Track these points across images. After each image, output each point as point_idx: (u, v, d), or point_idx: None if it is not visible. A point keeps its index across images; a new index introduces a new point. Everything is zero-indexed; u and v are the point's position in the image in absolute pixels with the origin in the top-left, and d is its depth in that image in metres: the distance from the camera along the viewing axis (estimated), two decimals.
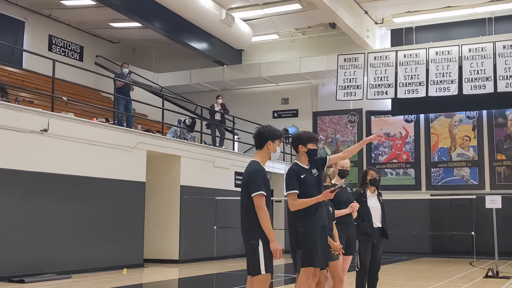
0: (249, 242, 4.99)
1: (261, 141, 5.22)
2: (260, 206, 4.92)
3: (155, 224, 15.25)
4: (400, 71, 19.37)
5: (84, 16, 20.28)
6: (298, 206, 5.40)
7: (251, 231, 4.98)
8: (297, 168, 5.54)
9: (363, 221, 7.02)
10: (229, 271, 13.60)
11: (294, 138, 5.74)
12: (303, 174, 5.49)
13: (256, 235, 4.94)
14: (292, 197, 5.41)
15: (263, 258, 4.92)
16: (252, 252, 4.97)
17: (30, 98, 15.38)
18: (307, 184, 5.47)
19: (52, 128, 11.46)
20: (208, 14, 18.49)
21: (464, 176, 19.64)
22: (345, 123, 21.57)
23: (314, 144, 5.63)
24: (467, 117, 19.92)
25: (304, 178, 5.47)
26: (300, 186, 5.43)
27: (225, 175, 17.21)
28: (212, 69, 22.51)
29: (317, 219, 5.44)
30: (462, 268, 14.21)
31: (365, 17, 19.53)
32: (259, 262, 4.92)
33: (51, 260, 11.40)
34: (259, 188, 4.93)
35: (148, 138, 14.45)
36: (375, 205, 7.17)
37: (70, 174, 11.96)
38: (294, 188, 5.41)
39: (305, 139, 5.62)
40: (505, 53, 18.14)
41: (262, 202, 4.93)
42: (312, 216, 5.42)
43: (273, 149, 5.19)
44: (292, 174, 5.47)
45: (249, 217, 5.00)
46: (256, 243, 4.94)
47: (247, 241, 5.01)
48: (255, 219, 4.94)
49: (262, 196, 4.93)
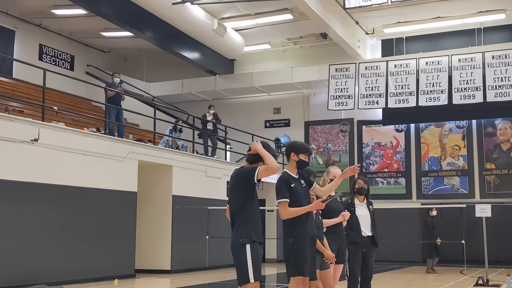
0: (238, 240, 5.00)
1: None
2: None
3: (147, 234, 15.20)
4: (390, 81, 19.49)
5: (75, 25, 20.27)
6: (289, 214, 5.44)
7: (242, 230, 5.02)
8: (287, 177, 5.58)
9: (352, 230, 7.05)
10: (221, 281, 13.58)
11: (289, 145, 5.81)
12: (293, 183, 5.55)
13: (246, 234, 4.99)
14: (284, 206, 5.46)
15: (251, 264, 4.94)
16: (239, 256, 4.97)
17: (21, 107, 15.33)
18: (297, 193, 5.52)
19: (43, 138, 11.42)
20: (200, 23, 18.56)
21: (454, 185, 19.74)
22: (336, 132, 21.65)
23: (307, 156, 5.68)
24: (457, 126, 20.05)
25: (294, 187, 5.52)
26: (291, 195, 5.48)
27: (217, 185, 17.20)
28: (204, 78, 22.56)
29: (307, 228, 5.48)
30: (453, 277, 14.26)
31: (356, 27, 19.66)
32: (247, 268, 4.93)
33: (42, 270, 11.33)
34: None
35: (139, 148, 14.43)
36: (364, 214, 7.20)
37: (61, 184, 11.91)
38: (285, 196, 5.46)
39: (298, 148, 5.67)
40: (494, 63, 18.32)
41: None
42: (302, 225, 5.46)
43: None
44: (283, 183, 5.52)
45: (242, 218, 5.05)
46: (246, 240, 4.96)
47: (236, 241, 5.02)
48: (248, 220, 5.01)
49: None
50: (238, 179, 5.16)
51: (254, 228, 5.08)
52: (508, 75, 18.06)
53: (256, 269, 4.94)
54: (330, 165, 8.49)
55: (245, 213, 5.07)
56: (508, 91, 17.99)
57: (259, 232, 5.13)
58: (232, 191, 5.23)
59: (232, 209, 5.17)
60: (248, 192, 5.12)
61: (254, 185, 5.11)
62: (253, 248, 4.98)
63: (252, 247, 4.98)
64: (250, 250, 4.97)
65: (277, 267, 16.83)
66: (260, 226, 5.16)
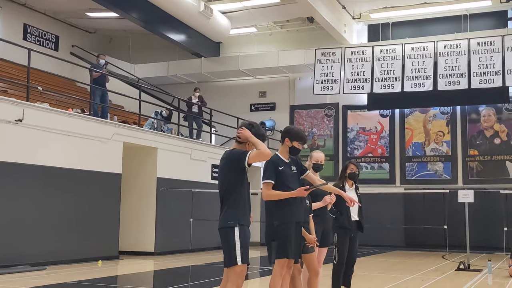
0: (226, 222, 5.00)
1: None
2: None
3: (131, 216, 15.18)
4: (376, 66, 19.54)
5: (60, 5, 20.02)
6: (272, 196, 5.45)
7: (230, 212, 5.01)
8: (277, 160, 5.59)
9: (341, 214, 7.09)
10: (205, 263, 13.63)
11: (285, 130, 5.80)
12: (281, 166, 5.55)
13: (235, 217, 4.98)
14: (267, 187, 5.47)
15: (239, 246, 4.94)
16: (227, 238, 4.97)
17: (4, 87, 15.15)
18: (285, 176, 5.53)
19: (27, 118, 11.33)
20: (187, 5, 18.41)
21: (437, 170, 19.92)
22: (321, 117, 21.69)
23: (300, 144, 5.69)
24: (441, 112, 20.19)
25: (282, 170, 5.53)
26: (277, 178, 5.49)
27: (202, 168, 17.20)
28: (189, 61, 22.44)
29: (292, 212, 5.50)
30: (435, 261, 14.44)
31: (342, 12, 19.64)
32: (235, 250, 4.94)
33: (25, 251, 11.30)
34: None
35: (124, 130, 14.36)
36: (353, 199, 7.23)
37: (45, 165, 11.84)
38: (270, 178, 5.47)
39: (293, 134, 5.68)
40: (479, 50, 18.42)
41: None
42: (288, 209, 5.48)
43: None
44: (271, 164, 5.51)
45: (230, 200, 5.03)
46: (234, 223, 4.96)
47: (224, 223, 5.01)
48: (237, 203, 5.01)
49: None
50: (229, 161, 5.13)
51: (243, 211, 5.07)
52: (493, 62, 18.19)
53: (244, 251, 4.95)
54: (314, 150, 8.52)
55: (234, 196, 5.05)
56: (492, 77, 18.13)
57: (248, 216, 5.12)
58: (221, 173, 5.19)
59: (222, 191, 5.14)
60: (238, 174, 5.09)
61: (245, 168, 5.08)
62: (241, 230, 4.98)
63: (241, 230, 4.98)
64: (238, 232, 4.97)
65: (261, 250, 16.92)
66: (248, 210, 5.14)
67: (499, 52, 18.19)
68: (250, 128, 5.19)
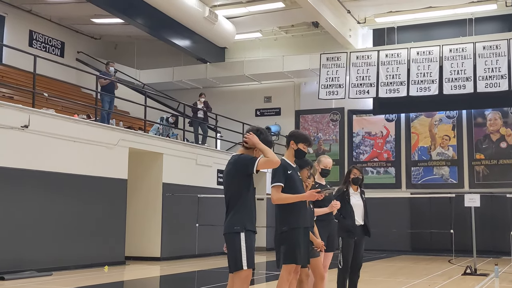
0: (232, 227, 4.97)
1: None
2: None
3: (137, 221, 15.20)
4: (381, 71, 19.54)
5: (66, 11, 20.11)
6: (282, 200, 5.43)
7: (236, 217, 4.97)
8: (285, 164, 5.58)
9: (345, 218, 7.08)
10: (210, 268, 13.61)
11: (290, 133, 5.82)
12: (290, 170, 5.55)
13: (241, 222, 4.95)
14: (277, 190, 5.43)
15: (245, 251, 4.91)
16: (232, 243, 4.94)
17: (11, 94, 15.23)
18: (293, 180, 5.52)
19: (33, 124, 11.36)
20: (191, 11, 18.47)
21: (443, 175, 19.86)
22: (327, 121, 21.68)
23: (306, 146, 5.69)
24: (447, 116, 20.14)
25: (290, 174, 5.52)
26: (286, 181, 5.47)
27: (208, 173, 17.21)
28: (195, 66, 22.49)
29: (301, 217, 5.49)
30: (441, 266, 14.38)
31: (347, 16, 19.65)
32: (241, 255, 4.90)
33: (32, 257, 11.31)
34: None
35: (130, 135, 14.39)
36: (358, 203, 7.24)
37: (51, 171, 11.87)
38: (280, 181, 5.44)
39: (298, 137, 5.69)
40: (485, 54, 18.39)
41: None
42: (297, 214, 5.47)
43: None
44: (280, 168, 5.45)
45: (237, 205, 5.00)
46: (240, 228, 4.93)
47: (230, 228, 4.98)
48: (243, 208, 4.98)
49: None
50: (236, 166, 5.07)
51: (249, 216, 5.02)
52: (499, 66, 18.15)
53: (249, 256, 4.91)
54: (321, 154, 8.51)
55: (240, 201, 5.00)
56: (498, 81, 18.09)
57: (253, 221, 5.07)
58: (228, 178, 5.14)
59: (228, 196, 5.10)
60: (245, 180, 5.05)
61: (252, 174, 5.04)
62: (247, 236, 4.95)
63: (246, 235, 4.94)
64: (244, 237, 4.93)
65: (266, 255, 16.90)
66: (254, 215, 5.10)
67: (504, 56, 18.16)
68: (258, 134, 5.15)
